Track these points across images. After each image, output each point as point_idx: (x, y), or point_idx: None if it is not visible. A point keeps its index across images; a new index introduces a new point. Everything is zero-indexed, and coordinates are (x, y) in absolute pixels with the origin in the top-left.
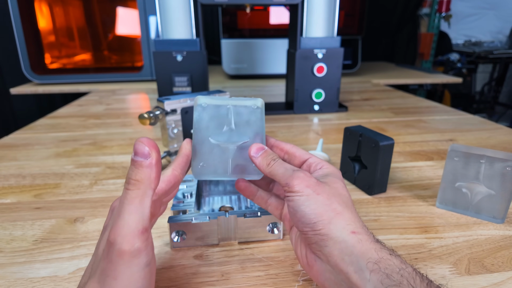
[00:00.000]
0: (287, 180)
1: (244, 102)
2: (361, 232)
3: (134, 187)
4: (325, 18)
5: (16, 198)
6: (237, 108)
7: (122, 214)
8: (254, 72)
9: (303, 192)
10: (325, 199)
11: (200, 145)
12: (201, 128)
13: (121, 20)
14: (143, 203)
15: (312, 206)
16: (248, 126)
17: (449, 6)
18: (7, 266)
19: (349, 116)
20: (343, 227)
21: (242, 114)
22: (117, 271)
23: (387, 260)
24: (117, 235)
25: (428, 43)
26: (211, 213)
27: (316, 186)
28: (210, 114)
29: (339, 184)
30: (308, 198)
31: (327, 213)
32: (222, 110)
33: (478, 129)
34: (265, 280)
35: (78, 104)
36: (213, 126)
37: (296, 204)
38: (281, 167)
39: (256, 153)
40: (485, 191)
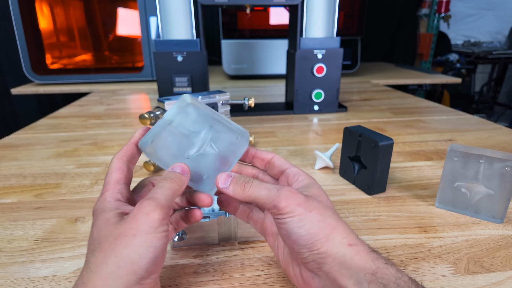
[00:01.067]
0: (274, 203)
1: (229, 125)
2: (357, 243)
3: (173, 182)
4: (325, 18)
5: (17, 198)
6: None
7: (155, 192)
8: (254, 73)
9: (295, 212)
10: (318, 215)
11: (169, 129)
12: (172, 119)
13: (122, 21)
14: (174, 194)
15: (307, 226)
16: (225, 145)
17: (448, 7)
18: (8, 266)
19: (349, 116)
20: (340, 241)
21: (226, 135)
22: (139, 230)
23: (384, 269)
24: (150, 202)
25: (428, 44)
26: (211, 212)
27: (306, 202)
28: (194, 118)
29: (323, 196)
30: (301, 218)
31: (323, 231)
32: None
33: (477, 129)
34: (265, 280)
35: (78, 104)
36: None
37: (290, 226)
38: (261, 188)
39: (225, 184)
40: (484, 191)
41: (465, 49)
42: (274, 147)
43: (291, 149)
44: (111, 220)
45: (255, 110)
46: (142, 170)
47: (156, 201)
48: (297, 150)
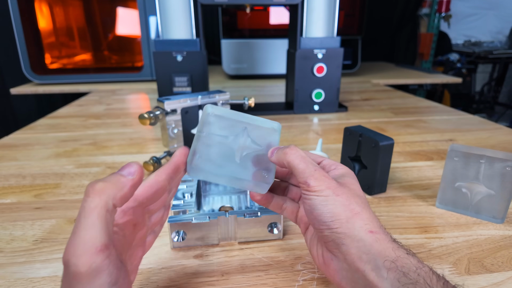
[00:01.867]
0: (306, 179)
1: (261, 124)
2: (378, 231)
3: (93, 195)
4: (325, 18)
5: (16, 198)
6: (252, 126)
7: (76, 230)
8: (254, 72)
9: (322, 193)
10: (344, 199)
11: (202, 140)
12: (210, 130)
13: (121, 20)
14: (101, 215)
15: (330, 206)
16: (263, 139)
17: (448, 6)
18: (7, 266)
19: (349, 116)
20: (361, 226)
21: (259, 131)
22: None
23: (404, 258)
24: (71, 255)
25: (428, 43)
26: (211, 213)
27: (336, 188)
28: (220, 125)
29: (356, 185)
30: (327, 199)
31: (345, 213)
32: (234, 125)
33: (478, 129)
34: (265, 280)
35: (78, 104)
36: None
37: (314, 203)
38: (301, 161)
39: (272, 153)
40: (484, 191)
41: (465, 48)
42: None
43: None
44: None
45: (255, 110)
46: None
47: (77, 250)
48: None
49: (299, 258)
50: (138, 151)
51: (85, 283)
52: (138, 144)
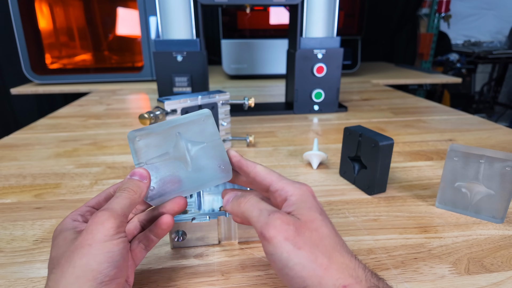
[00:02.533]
0: (261, 229)
1: (189, 118)
2: (351, 283)
3: (130, 191)
4: (325, 18)
5: (17, 198)
6: (185, 126)
7: (111, 202)
8: (254, 72)
9: (282, 248)
10: (308, 253)
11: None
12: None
13: (121, 21)
14: (131, 203)
15: (297, 268)
16: (202, 133)
17: (448, 7)
18: (8, 266)
19: (349, 116)
20: (333, 283)
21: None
22: (95, 238)
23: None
24: (104, 212)
25: (428, 43)
26: (211, 213)
27: (296, 237)
28: (153, 143)
29: (317, 221)
30: (290, 256)
31: (315, 272)
32: (168, 136)
33: (478, 129)
34: (265, 280)
35: (78, 104)
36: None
37: (279, 265)
38: (254, 208)
39: (227, 202)
40: (484, 191)
41: (465, 49)
42: (274, 147)
43: (291, 149)
44: (68, 237)
45: (255, 110)
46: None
47: (110, 211)
48: (297, 150)
49: None
50: None
51: (106, 232)
52: None
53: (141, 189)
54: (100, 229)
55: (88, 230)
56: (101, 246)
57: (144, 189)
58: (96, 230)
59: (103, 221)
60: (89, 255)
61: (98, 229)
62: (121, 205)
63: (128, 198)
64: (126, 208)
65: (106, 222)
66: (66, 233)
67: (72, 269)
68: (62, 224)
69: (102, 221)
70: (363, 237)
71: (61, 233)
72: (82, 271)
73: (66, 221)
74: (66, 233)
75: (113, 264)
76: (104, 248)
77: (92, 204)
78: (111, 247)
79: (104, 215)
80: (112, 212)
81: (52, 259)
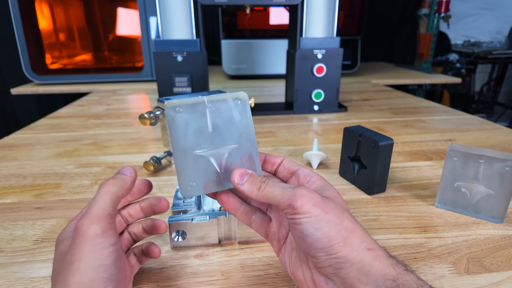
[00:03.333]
0: (289, 201)
1: (223, 96)
2: (376, 247)
3: (109, 184)
4: (325, 18)
5: (17, 198)
6: (216, 104)
7: (90, 206)
8: (254, 73)
9: (311, 212)
10: (335, 217)
11: (182, 161)
12: (179, 138)
13: (122, 21)
14: (112, 197)
15: (324, 229)
16: (232, 124)
17: (448, 7)
18: (8, 266)
19: (349, 116)
20: (358, 245)
21: (223, 111)
22: (82, 252)
23: (404, 275)
24: (84, 219)
25: (427, 44)
26: (211, 212)
27: (323, 203)
28: (185, 119)
29: (339, 198)
30: (318, 219)
31: (341, 233)
32: (199, 109)
33: (477, 129)
34: (265, 280)
35: (78, 104)
36: (192, 132)
37: (305, 227)
38: (276, 188)
39: (241, 180)
40: (484, 191)
41: (465, 49)
42: (274, 147)
43: (291, 149)
44: (62, 250)
45: (255, 110)
46: (142, 170)
47: (90, 215)
48: (297, 150)
49: None
50: (138, 151)
51: (90, 240)
52: (138, 144)
53: (123, 180)
54: (84, 240)
55: (73, 244)
56: (91, 259)
57: (128, 181)
58: (80, 243)
59: (85, 230)
60: (80, 271)
61: (82, 241)
62: (101, 205)
63: (107, 193)
64: (108, 206)
65: (88, 230)
66: (62, 246)
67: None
68: (63, 232)
69: (84, 230)
70: None
71: (61, 243)
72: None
73: (67, 229)
74: (62, 246)
75: (109, 278)
76: (95, 262)
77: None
78: (102, 260)
79: (84, 223)
80: (92, 216)
81: (53, 273)
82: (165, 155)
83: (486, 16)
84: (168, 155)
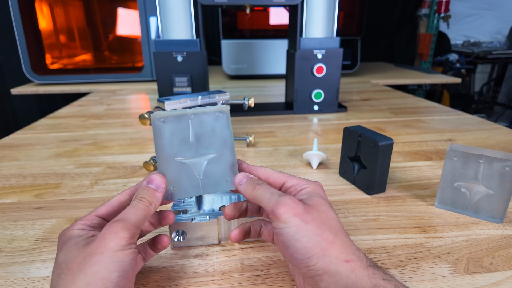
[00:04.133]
0: (272, 207)
1: (206, 109)
2: (353, 259)
3: (142, 202)
4: (325, 18)
5: (17, 198)
6: (199, 116)
7: (128, 214)
8: (254, 73)
9: (291, 222)
10: (315, 228)
11: (166, 166)
12: (164, 146)
13: (122, 21)
14: (146, 215)
15: (303, 240)
16: (214, 135)
17: (448, 7)
18: (8, 266)
19: (349, 116)
20: (336, 257)
21: (206, 123)
22: (107, 247)
23: (381, 287)
24: (119, 223)
25: (427, 44)
26: (211, 212)
27: (304, 213)
28: (171, 129)
29: (325, 206)
30: (297, 229)
31: (319, 244)
32: (183, 121)
33: (477, 129)
34: (265, 280)
35: (78, 104)
36: (176, 141)
37: (286, 238)
38: (266, 192)
39: (240, 182)
40: (484, 190)
41: (464, 49)
42: (274, 147)
43: (291, 149)
44: (80, 243)
45: (255, 110)
46: (142, 170)
47: (124, 222)
48: (297, 150)
49: None
50: (139, 151)
51: (118, 242)
52: (138, 144)
53: (157, 199)
54: (113, 239)
55: (101, 238)
56: (113, 255)
57: (159, 200)
58: (109, 239)
59: (117, 231)
60: (101, 263)
61: (111, 238)
62: (136, 216)
63: (143, 210)
64: (140, 220)
65: (120, 232)
66: (78, 239)
67: (83, 276)
68: (70, 231)
69: (116, 231)
70: (363, 237)
71: (71, 239)
72: (93, 278)
73: (74, 229)
74: (78, 239)
75: (123, 274)
76: (115, 258)
77: (102, 214)
78: (122, 257)
79: (118, 225)
80: (127, 223)
81: (60, 263)
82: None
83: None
84: None
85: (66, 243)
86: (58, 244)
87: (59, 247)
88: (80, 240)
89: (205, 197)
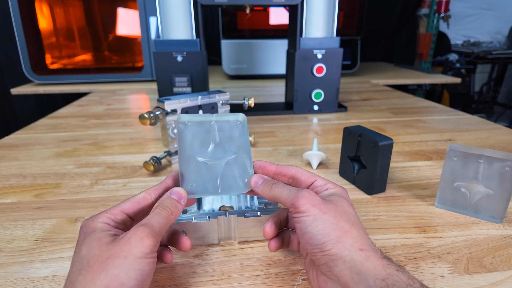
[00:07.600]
0: (292, 201)
1: (226, 117)
2: (368, 249)
3: (166, 211)
4: (325, 18)
5: (17, 198)
6: (220, 123)
7: (153, 221)
8: (254, 73)
9: (309, 211)
10: (331, 217)
11: (186, 164)
12: (186, 146)
13: (122, 21)
14: (168, 224)
15: (320, 226)
16: (232, 141)
17: (448, 7)
18: (8, 266)
19: (349, 116)
20: (351, 245)
21: (225, 130)
22: (130, 252)
23: (395, 276)
24: (145, 229)
25: (427, 44)
26: (211, 212)
27: (322, 204)
28: (193, 132)
29: (344, 202)
30: (315, 218)
31: (335, 232)
32: (205, 126)
33: (477, 129)
34: (265, 280)
35: (78, 104)
36: (197, 143)
37: (304, 225)
38: (284, 189)
39: (257, 184)
40: (483, 190)
41: (464, 49)
42: (274, 147)
43: (291, 149)
44: (103, 240)
45: (255, 110)
46: (142, 170)
47: (151, 228)
48: (297, 150)
49: (299, 257)
50: (139, 151)
51: (142, 249)
52: (138, 144)
53: (178, 210)
54: (139, 245)
55: (127, 242)
56: (135, 262)
57: (180, 211)
58: (134, 245)
59: (143, 237)
60: (122, 268)
61: (136, 244)
62: (160, 224)
63: (167, 218)
64: (163, 228)
65: (145, 239)
66: (101, 234)
67: (104, 277)
68: (94, 222)
69: (142, 237)
70: None
71: (94, 232)
72: (112, 281)
73: (98, 222)
74: (101, 234)
75: (140, 283)
76: (137, 265)
77: (127, 211)
78: (143, 266)
79: (144, 231)
80: (152, 230)
81: (82, 258)
82: (165, 155)
83: (486, 16)
84: (168, 155)
85: (89, 236)
86: (80, 234)
87: (81, 237)
88: (103, 236)
89: (205, 197)
